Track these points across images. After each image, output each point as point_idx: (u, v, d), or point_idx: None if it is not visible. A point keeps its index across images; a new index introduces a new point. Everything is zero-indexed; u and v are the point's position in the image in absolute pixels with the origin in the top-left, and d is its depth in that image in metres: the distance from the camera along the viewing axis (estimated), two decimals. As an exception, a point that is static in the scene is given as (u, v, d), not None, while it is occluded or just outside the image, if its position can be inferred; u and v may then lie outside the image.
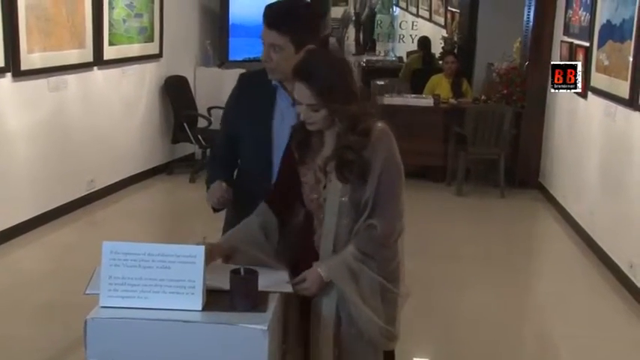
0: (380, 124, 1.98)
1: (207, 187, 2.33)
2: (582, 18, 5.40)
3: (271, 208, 2.07)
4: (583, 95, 5.28)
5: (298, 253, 2.06)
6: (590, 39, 5.11)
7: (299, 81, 1.92)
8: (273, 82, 2.24)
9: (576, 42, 5.50)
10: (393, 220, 1.97)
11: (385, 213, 1.95)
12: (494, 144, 6.24)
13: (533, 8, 6.54)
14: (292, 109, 2.15)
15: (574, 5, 5.64)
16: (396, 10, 13.23)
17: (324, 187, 1.99)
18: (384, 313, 1.98)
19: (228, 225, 2.28)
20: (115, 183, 5.75)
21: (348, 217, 1.97)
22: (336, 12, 12.63)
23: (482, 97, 6.80)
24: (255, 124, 2.26)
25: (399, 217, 1.99)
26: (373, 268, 1.96)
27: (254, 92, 2.30)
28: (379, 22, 12.00)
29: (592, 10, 5.12)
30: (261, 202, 2.10)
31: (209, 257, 1.87)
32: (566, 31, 5.84)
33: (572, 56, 5.55)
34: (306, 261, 1.99)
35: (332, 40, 12.14)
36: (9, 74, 4.53)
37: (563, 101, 5.94)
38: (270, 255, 2.03)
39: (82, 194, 5.41)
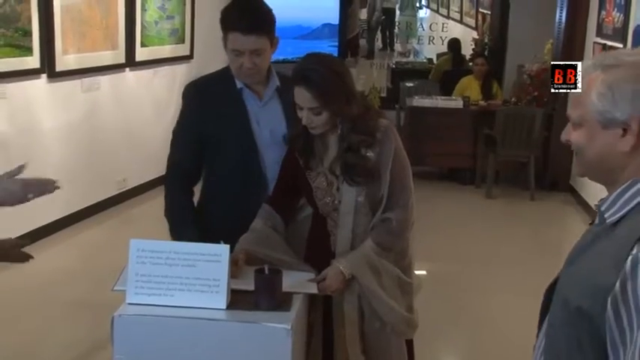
0: (384, 121, 2.02)
1: (167, 212, 2.20)
2: (616, 19, 5.30)
3: (275, 209, 2.09)
4: (616, 97, 5.18)
5: (314, 258, 2.07)
6: (624, 40, 5.02)
7: (298, 85, 1.92)
8: (239, 86, 2.18)
9: (609, 43, 5.40)
10: (407, 213, 2.00)
11: (399, 205, 1.98)
12: (525, 146, 6.17)
13: (565, 9, 6.44)
14: (262, 109, 2.18)
15: (607, 6, 5.55)
16: (420, 11, 13.15)
17: (338, 189, 2.00)
18: (404, 303, 2.02)
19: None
20: (146, 182, 5.84)
21: (365, 216, 1.99)
22: (364, 14, 12.59)
23: (513, 99, 6.73)
24: (235, 129, 2.17)
25: (411, 208, 2.02)
26: (391, 261, 1.99)
27: (218, 99, 2.20)
28: (398, 24, 11.98)
29: (626, 10, 5.02)
30: (254, 205, 2.10)
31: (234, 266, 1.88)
32: (599, 33, 5.74)
33: (605, 58, 5.46)
34: (323, 264, 2.00)
35: (362, 41, 12.11)
36: (44, 75, 4.63)
37: (595, 103, 5.83)
38: (287, 253, 2.05)
39: (114, 193, 5.51)
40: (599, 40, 5.71)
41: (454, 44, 8.85)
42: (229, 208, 2.19)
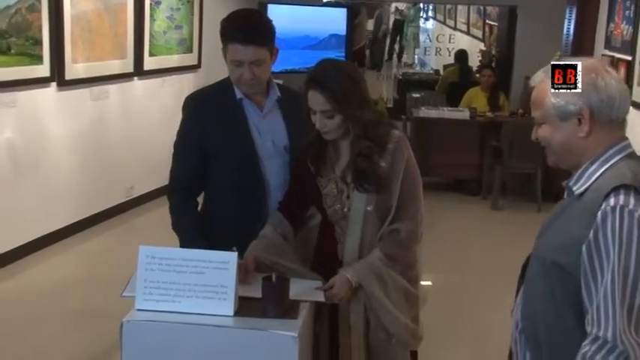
0: (396, 132, 2.03)
1: (174, 226, 2.19)
2: (625, 31, 5.32)
3: (285, 216, 2.10)
4: (624, 109, 5.19)
5: (321, 266, 2.07)
6: (633, 52, 5.03)
7: (313, 89, 1.94)
8: (239, 96, 2.18)
9: (618, 55, 5.41)
10: (415, 224, 2.01)
11: (408, 217, 1.99)
12: (531, 158, 6.15)
13: (573, 21, 6.46)
14: (263, 119, 2.19)
15: (616, 18, 5.56)
16: (427, 23, 13.22)
17: (348, 197, 2.01)
18: (409, 314, 2.02)
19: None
20: (153, 190, 5.86)
21: (373, 225, 2.00)
22: (371, 25, 12.69)
23: (520, 111, 6.73)
24: (236, 139, 2.16)
25: (420, 220, 2.02)
26: (398, 272, 2.00)
27: (219, 110, 2.19)
28: (406, 35, 12.07)
29: (635, 23, 5.04)
30: (257, 214, 2.12)
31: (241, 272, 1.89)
32: (608, 45, 5.75)
33: (612, 70, 5.47)
34: (330, 272, 2.01)
35: (368, 52, 12.18)
36: (54, 84, 4.67)
37: (603, 115, 5.84)
38: (295, 261, 2.06)
39: (121, 201, 5.53)
40: (607, 52, 5.72)
41: (461, 55, 8.88)
42: (232, 217, 2.19)
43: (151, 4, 5.67)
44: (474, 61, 9.17)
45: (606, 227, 1.31)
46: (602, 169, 1.41)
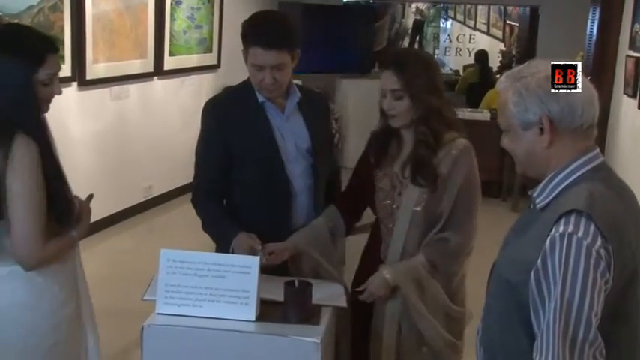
0: (464, 141, 2.01)
1: (204, 225, 2.17)
2: (649, 32, 5.23)
3: (341, 212, 2.11)
4: (649, 112, 5.10)
5: (365, 266, 2.06)
6: (658, 54, 4.94)
7: (387, 69, 1.98)
8: (260, 99, 2.15)
9: (642, 57, 5.32)
10: (467, 237, 1.98)
11: (460, 228, 1.96)
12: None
13: (596, 22, 6.37)
14: (285, 122, 2.16)
15: (640, 19, 5.47)
16: (447, 23, 13.14)
17: (399, 194, 1.99)
18: (446, 325, 1.99)
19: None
20: (172, 190, 5.87)
21: (418, 228, 1.98)
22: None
23: (541, 112, 6.65)
24: (259, 142, 2.14)
25: (473, 234, 1.99)
26: (439, 281, 1.97)
27: (241, 113, 2.16)
28: (425, 35, 12.01)
29: (660, 24, 4.95)
30: (281, 218, 2.12)
31: (278, 254, 1.97)
32: (632, 46, 5.65)
33: (638, 72, 5.38)
34: (370, 270, 2.00)
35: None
36: (75, 83, 4.69)
37: (627, 118, 5.75)
38: (332, 261, 2.06)
39: (140, 201, 5.54)
40: (631, 53, 5.63)
41: (481, 56, 8.78)
42: (257, 222, 2.15)
43: (171, 3, 5.68)
44: (494, 62, 9.07)
45: (554, 255, 1.25)
46: (564, 184, 1.35)
